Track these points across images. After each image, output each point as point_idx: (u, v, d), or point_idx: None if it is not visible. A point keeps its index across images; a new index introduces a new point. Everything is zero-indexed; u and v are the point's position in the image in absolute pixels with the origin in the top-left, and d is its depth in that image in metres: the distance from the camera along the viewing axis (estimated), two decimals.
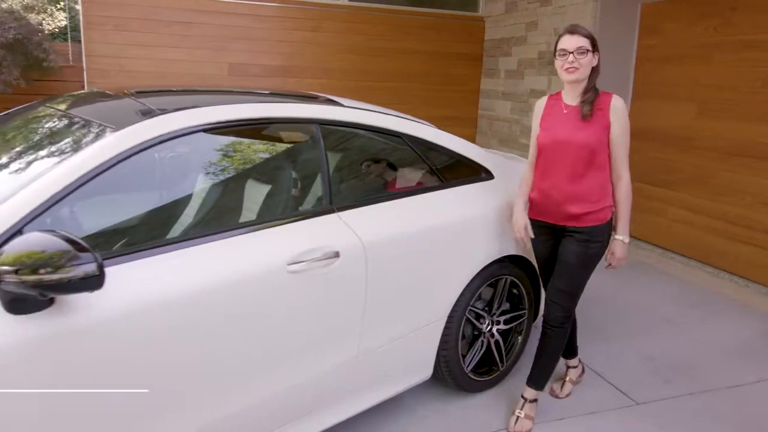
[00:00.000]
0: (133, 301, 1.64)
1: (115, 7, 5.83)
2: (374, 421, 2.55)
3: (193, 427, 1.83)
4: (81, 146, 1.76)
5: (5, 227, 1.52)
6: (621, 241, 2.46)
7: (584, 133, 2.34)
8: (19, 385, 1.48)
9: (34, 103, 2.56)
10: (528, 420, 2.58)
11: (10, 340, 1.46)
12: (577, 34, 2.31)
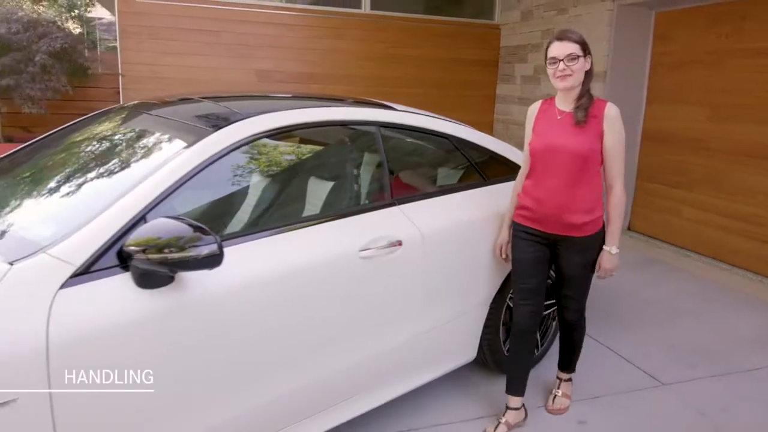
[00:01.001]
0: (238, 278, 1.87)
1: (149, 18, 6.10)
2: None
3: (283, 390, 2.06)
4: (187, 144, 1.99)
5: (132, 215, 1.75)
6: (608, 252, 2.43)
7: (577, 139, 2.30)
8: (146, 347, 1.71)
9: (113, 108, 2.80)
10: (565, 398, 2.78)
11: (139, 308, 1.69)
12: (566, 40, 2.27)
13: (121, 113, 2.62)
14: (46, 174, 2.28)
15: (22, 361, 1.49)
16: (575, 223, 2.36)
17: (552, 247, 2.47)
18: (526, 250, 2.50)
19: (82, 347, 1.58)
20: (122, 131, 2.44)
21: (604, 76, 5.59)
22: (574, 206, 2.34)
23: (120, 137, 2.39)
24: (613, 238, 2.42)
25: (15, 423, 1.49)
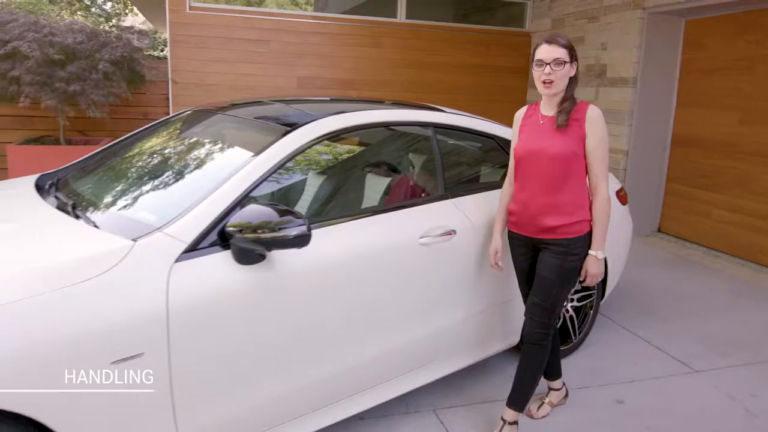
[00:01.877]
0: (318, 259, 2.13)
1: (197, 28, 6.44)
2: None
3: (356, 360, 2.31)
4: (270, 142, 2.26)
5: (230, 201, 2.02)
6: (594, 257, 2.36)
7: (557, 142, 2.29)
8: (242, 314, 1.97)
9: (187, 111, 3.10)
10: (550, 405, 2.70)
11: (237, 281, 1.96)
12: (555, 44, 2.26)
13: (201, 114, 2.91)
14: (148, 166, 2.58)
15: (148, 321, 1.76)
16: (549, 225, 2.34)
17: (536, 251, 2.46)
18: (519, 258, 2.54)
19: (193, 311, 1.85)
20: (208, 129, 2.73)
21: (634, 82, 5.77)
22: (553, 210, 2.32)
23: (208, 135, 2.68)
24: (599, 242, 2.35)
25: (139, 373, 1.76)
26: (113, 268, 1.77)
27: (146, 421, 1.82)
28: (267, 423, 2.13)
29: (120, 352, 1.71)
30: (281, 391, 2.13)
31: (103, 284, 1.73)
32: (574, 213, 2.33)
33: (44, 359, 1.59)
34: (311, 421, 2.27)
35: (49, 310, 1.63)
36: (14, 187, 2.67)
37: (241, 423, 2.06)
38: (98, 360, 1.68)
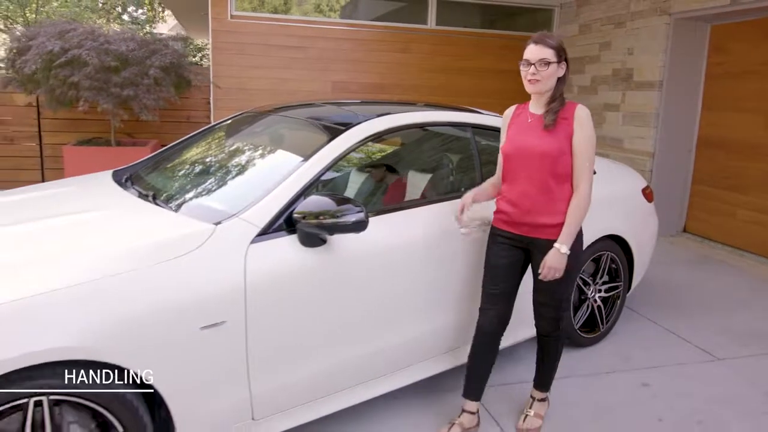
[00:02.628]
0: (371, 245, 2.38)
1: (238, 35, 6.78)
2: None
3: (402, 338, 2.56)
4: (328, 138, 2.52)
5: (295, 191, 2.28)
6: (557, 251, 2.31)
7: (545, 141, 2.31)
8: (305, 290, 2.23)
9: (246, 112, 3.38)
10: (538, 418, 2.67)
11: (302, 261, 2.22)
12: (542, 45, 2.28)
13: (259, 115, 3.19)
14: (218, 161, 2.86)
15: (229, 295, 2.03)
16: (546, 224, 2.35)
17: (527, 251, 2.48)
18: (501, 254, 2.49)
19: (265, 287, 2.11)
20: (268, 129, 3.01)
21: (660, 86, 5.93)
22: (545, 208, 2.35)
23: (269, 133, 2.96)
24: (567, 236, 2.32)
25: (222, 339, 2.03)
26: (199, 248, 2.04)
27: (224, 378, 2.08)
28: (322, 391, 2.38)
29: (207, 319, 1.98)
30: (336, 363, 2.38)
31: (192, 261, 2.00)
32: (563, 212, 2.35)
33: (144, 320, 1.86)
34: (361, 393, 2.51)
35: (149, 281, 1.91)
36: (95, 181, 2.97)
37: (299, 388, 2.31)
38: (190, 325, 1.95)
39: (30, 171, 6.75)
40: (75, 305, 1.77)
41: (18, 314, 1.70)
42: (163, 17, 22.41)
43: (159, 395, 1.93)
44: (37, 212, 2.46)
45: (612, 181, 3.57)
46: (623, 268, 3.57)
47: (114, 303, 1.83)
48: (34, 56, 5.12)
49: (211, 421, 2.09)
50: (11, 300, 1.70)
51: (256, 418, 2.20)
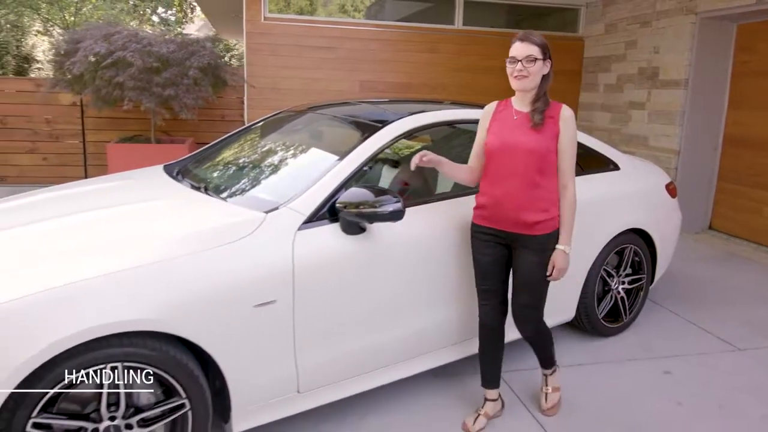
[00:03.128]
0: (410, 231, 2.56)
1: (271, 37, 7.02)
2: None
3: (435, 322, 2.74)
4: (366, 134, 2.71)
5: (337, 183, 2.47)
6: (562, 251, 2.41)
7: (533, 138, 2.35)
8: (346, 274, 2.42)
9: (285, 111, 3.58)
10: (555, 393, 2.80)
11: (343, 247, 2.41)
12: (528, 42, 2.31)
13: (298, 113, 3.39)
14: (264, 155, 3.07)
15: (279, 277, 2.23)
16: (528, 221, 2.38)
17: (509, 248, 2.50)
18: (484, 252, 2.52)
19: (310, 270, 2.31)
20: (308, 126, 3.21)
21: (685, 84, 6.00)
22: (529, 205, 2.37)
23: (309, 130, 3.16)
24: (567, 236, 2.41)
25: (272, 317, 2.23)
26: (251, 234, 2.24)
27: (274, 353, 2.28)
28: (360, 369, 2.57)
29: (259, 298, 2.18)
30: (373, 342, 2.57)
31: (246, 245, 2.21)
32: (548, 209, 2.39)
33: (204, 297, 2.07)
34: (396, 371, 2.70)
35: (210, 262, 2.12)
36: (150, 174, 3.20)
37: (340, 365, 2.50)
38: (244, 303, 2.15)
39: (74, 167, 7.08)
40: (148, 283, 1.99)
41: (98, 289, 1.92)
42: (191, 18, 22.92)
43: (217, 366, 2.14)
44: (106, 200, 2.70)
45: (636, 177, 3.70)
46: (646, 260, 3.69)
47: (180, 281, 2.04)
48: (81, 58, 5.40)
49: (261, 391, 2.29)
50: (93, 276, 1.92)
51: (301, 391, 2.40)
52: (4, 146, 6.91)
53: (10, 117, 6.85)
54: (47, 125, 6.97)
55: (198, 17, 23.28)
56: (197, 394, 2.11)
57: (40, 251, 2.13)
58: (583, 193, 3.28)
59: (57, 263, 2.01)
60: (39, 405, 1.86)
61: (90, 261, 2.01)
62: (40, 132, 6.97)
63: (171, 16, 23.25)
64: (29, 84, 6.96)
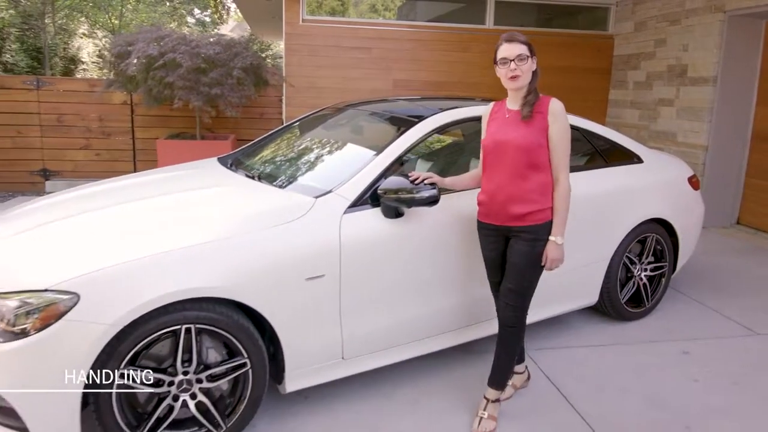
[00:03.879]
0: (444, 216, 2.82)
1: (309, 38, 7.34)
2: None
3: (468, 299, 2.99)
4: (403, 129, 2.98)
5: (378, 172, 2.75)
6: (554, 243, 2.48)
7: (521, 133, 2.44)
8: (386, 254, 2.69)
9: (329, 107, 3.87)
10: (491, 420, 2.62)
11: (384, 229, 2.69)
12: (516, 42, 2.42)
13: (341, 110, 3.69)
14: (311, 147, 3.38)
15: (327, 253, 2.52)
16: (518, 213, 2.46)
17: (506, 240, 2.58)
18: (489, 247, 2.64)
19: (355, 249, 2.59)
20: (351, 121, 3.49)
21: (714, 81, 6.10)
22: (519, 198, 2.46)
23: (352, 125, 3.45)
24: (559, 228, 2.48)
25: (321, 289, 2.52)
26: (303, 216, 2.54)
27: (322, 322, 2.57)
28: (397, 340, 2.84)
29: (310, 272, 2.48)
30: (409, 316, 2.84)
31: (299, 226, 2.50)
32: (538, 201, 2.46)
33: (264, 270, 2.37)
34: (430, 344, 2.96)
35: (268, 239, 2.42)
36: (206, 165, 3.53)
37: (379, 335, 2.77)
38: (297, 276, 2.45)
39: (124, 162, 7.52)
40: (216, 256, 2.30)
41: (175, 260, 2.23)
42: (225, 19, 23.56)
43: (273, 332, 2.44)
44: (177, 186, 3.04)
45: (658, 170, 3.89)
46: (668, 249, 3.88)
47: (243, 255, 2.35)
48: (136, 59, 5.80)
49: (311, 357, 2.58)
50: (172, 249, 2.24)
51: (345, 357, 2.68)
52: (61, 142, 7.39)
53: (66, 115, 7.32)
54: (100, 123, 7.42)
55: (232, 18, 23.95)
56: (257, 355, 2.41)
57: (130, 227, 2.48)
58: (607, 184, 3.56)
59: (142, 238, 2.34)
60: (126, 359, 2.18)
61: (169, 236, 2.33)
62: (93, 129, 7.42)
63: (206, 17, 23.94)
64: (84, 84, 7.43)
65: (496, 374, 2.68)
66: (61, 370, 2.07)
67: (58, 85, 7.39)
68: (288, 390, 2.57)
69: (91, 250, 2.28)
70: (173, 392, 2.30)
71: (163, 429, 2.30)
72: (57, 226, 2.58)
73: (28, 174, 7.42)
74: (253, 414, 2.48)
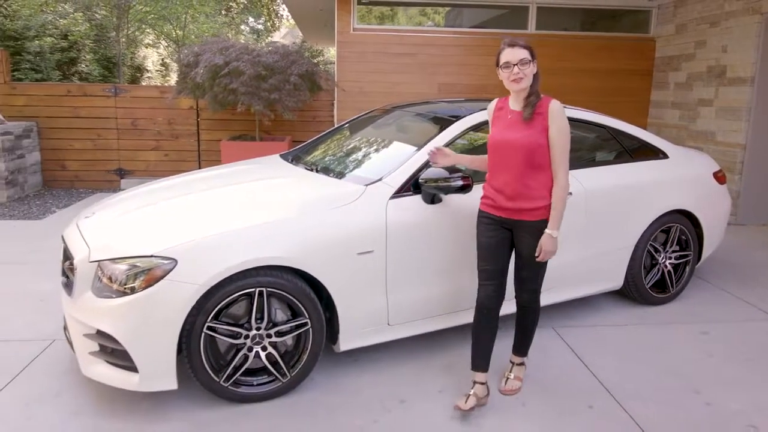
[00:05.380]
0: (472, 206, 3.22)
1: (359, 45, 7.83)
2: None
3: None
4: (442, 127, 3.40)
5: (419, 165, 3.17)
6: (549, 235, 2.63)
7: (523, 134, 2.59)
8: (426, 235, 3.11)
9: (377, 109, 4.32)
10: (517, 380, 2.98)
11: (424, 214, 3.11)
12: (517, 47, 2.56)
13: (388, 111, 4.14)
14: (363, 143, 3.84)
15: (375, 232, 2.96)
16: (525, 208, 2.64)
17: (511, 232, 2.77)
18: (488, 235, 2.78)
19: (399, 230, 3.02)
20: (397, 120, 3.94)
21: (752, 81, 6.25)
22: (525, 194, 2.63)
23: (398, 123, 3.89)
24: (554, 222, 2.63)
25: (370, 263, 2.96)
26: (356, 201, 2.99)
27: (371, 291, 3.01)
28: (434, 311, 3.25)
29: (361, 248, 2.92)
30: (446, 290, 3.24)
31: (352, 209, 2.95)
32: (544, 197, 2.64)
33: (322, 245, 2.83)
34: (459, 317, 3.35)
35: (326, 219, 2.88)
36: (270, 160, 4.04)
37: (419, 306, 3.19)
38: (350, 251, 2.90)
39: (189, 162, 8.20)
40: (285, 231, 2.77)
41: (252, 234, 2.72)
42: (278, 26, 24.47)
43: (330, 298, 2.89)
44: (246, 177, 3.54)
45: (683, 165, 4.16)
46: (693, 239, 4.15)
47: (305, 231, 2.81)
48: (203, 68, 6.42)
49: (361, 321, 3.02)
50: (248, 226, 2.73)
51: (390, 323, 3.12)
52: (134, 144, 8.13)
53: (139, 119, 8.06)
54: (169, 126, 8.12)
55: (284, 25, 24.86)
56: (316, 316, 2.87)
57: (215, 208, 2.98)
58: (631, 178, 3.88)
59: (226, 217, 2.84)
60: (211, 314, 2.67)
61: (246, 216, 2.83)
62: (163, 132, 8.13)
63: (260, 25, 24.92)
64: (155, 91, 8.14)
65: (519, 344, 3.01)
66: (162, 321, 2.58)
67: (133, 92, 8.13)
68: (342, 349, 3.02)
69: (185, 226, 2.79)
70: (248, 344, 2.78)
71: (240, 375, 2.79)
72: (153, 209, 3.11)
73: (106, 173, 8.19)
74: (312, 367, 2.94)
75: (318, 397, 2.90)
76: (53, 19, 12.34)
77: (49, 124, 7.98)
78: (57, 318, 3.74)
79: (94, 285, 2.69)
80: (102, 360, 2.72)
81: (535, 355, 3.34)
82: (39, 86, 8.13)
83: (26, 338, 3.47)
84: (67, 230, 3.16)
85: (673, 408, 2.85)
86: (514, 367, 3.03)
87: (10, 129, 7.28)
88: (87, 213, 3.27)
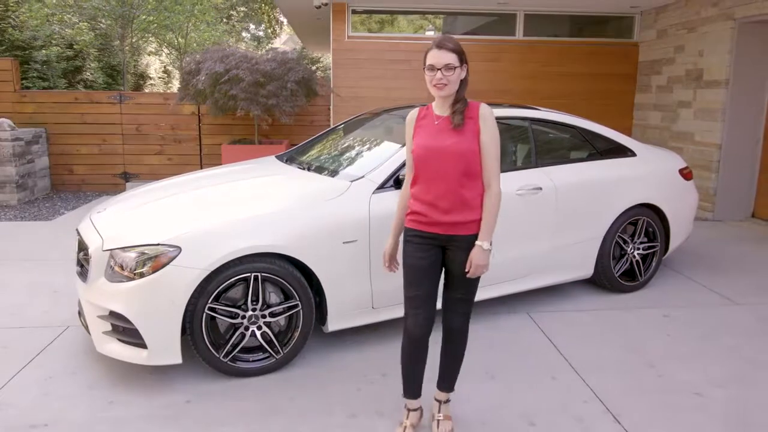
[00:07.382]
0: None
1: (354, 53, 8.18)
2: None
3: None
4: None
5: (399, 162, 3.49)
6: (480, 248, 2.39)
7: (454, 140, 2.37)
8: None
9: (366, 113, 4.65)
10: (448, 420, 2.68)
11: None
12: (444, 50, 2.32)
13: (374, 114, 4.47)
14: (349, 144, 4.17)
15: (359, 224, 3.28)
16: (460, 221, 2.40)
17: (443, 249, 2.50)
18: (418, 256, 2.47)
19: (381, 221, 3.34)
20: (382, 123, 4.27)
21: (726, 84, 6.57)
22: (459, 207, 2.39)
23: (381, 126, 4.22)
24: (486, 233, 2.40)
25: (354, 251, 3.28)
26: (342, 195, 3.32)
27: (356, 277, 3.33)
28: None
29: (347, 237, 3.25)
30: None
31: (338, 202, 3.28)
32: (478, 208, 2.42)
33: (312, 235, 3.15)
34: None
35: (315, 211, 3.20)
36: (266, 161, 4.37)
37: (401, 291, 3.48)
38: (337, 240, 3.22)
39: (192, 166, 8.54)
40: (278, 222, 3.10)
41: (249, 225, 3.05)
42: (278, 33, 24.88)
43: (318, 283, 3.21)
44: (243, 176, 3.88)
45: (650, 162, 4.48)
46: (659, 231, 4.46)
47: (296, 222, 3.14)
48: (205, 76, 6.76)
49: (348, 304, 3.34)
50: (245, 217, 3.06)
51: (374, 307, 3.43)
52: (138, 149, 8.48)
53: (143, 125, 8.41)
54: (172, 131, 8.47)
55: (284, 32, 25.27)
56: (306, 299, 3.19)
57: (215, 202, 3.31)
58: (598, 174, 4.19)
59: (225, 209, 3.17)
60: (212, 296, 3.00)
61: (244, 208, 3.16)
62: (166, 137, 8.48)
63: (260, 32, 25.33)
64: (159, 98, 8.49)
65: (446, 376, 2.68)
66: (168, 302, 2.90)
67: (137, 99, 8.48)
68: (330, 329, 3.34)
69: (188, 217, 3.12)
70: (245, 324, 3.10)
71: (237, 351, 3.11)
72: (159, 203, 3.44)
73: (111, 176, 8.54)
74: (302, 345, 3.25)
75: (308, 372, 3.22)
76: (59, 29, 12.73)
77: (58, 130, 8.34)
78: (70, 307, 4.06)
79: (107, 271, 3.02)
80: (114, 338, 3.04)
81: (506, 336, 3.66)
82: (48, 94, 8.50)
83: (42, 325, 3.80)
84: (82, 224, 3.50)
85: (628, 380, 3.16)
86: (442, 405, 2.71)
87: (21, 135, 7.64)
88: (99, 209, 3.61)
